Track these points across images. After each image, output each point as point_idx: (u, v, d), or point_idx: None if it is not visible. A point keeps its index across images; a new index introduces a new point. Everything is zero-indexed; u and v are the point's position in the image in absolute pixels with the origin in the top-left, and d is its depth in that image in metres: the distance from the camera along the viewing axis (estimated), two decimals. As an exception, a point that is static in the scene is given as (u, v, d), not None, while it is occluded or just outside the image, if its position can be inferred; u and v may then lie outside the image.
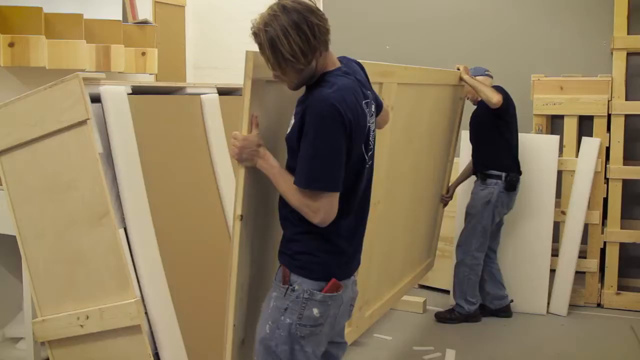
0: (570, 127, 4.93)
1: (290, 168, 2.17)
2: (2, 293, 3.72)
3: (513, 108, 4.50)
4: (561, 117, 5.01)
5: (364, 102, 2.21)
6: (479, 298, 4.63)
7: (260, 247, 2.42)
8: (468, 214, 4.61)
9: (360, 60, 2.45)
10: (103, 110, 2.75)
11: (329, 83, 2.12)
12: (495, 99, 4.31)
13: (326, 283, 2.22)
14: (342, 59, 2.31)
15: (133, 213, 2.80)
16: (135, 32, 4.18)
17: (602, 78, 4.91)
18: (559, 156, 4.82)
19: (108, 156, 2.76)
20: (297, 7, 2.06)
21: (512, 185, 4.45)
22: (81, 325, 2.77)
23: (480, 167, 4.58)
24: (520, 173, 4.54)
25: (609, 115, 4.86)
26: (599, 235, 4.89)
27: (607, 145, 4.87)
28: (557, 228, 4.88)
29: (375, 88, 2.79)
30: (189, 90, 3.38)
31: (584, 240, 4.88)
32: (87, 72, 3.69)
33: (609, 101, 4.84)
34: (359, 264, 2.42)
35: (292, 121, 2.16)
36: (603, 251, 4.91)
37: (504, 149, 4.48)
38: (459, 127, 4.82)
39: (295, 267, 2.21)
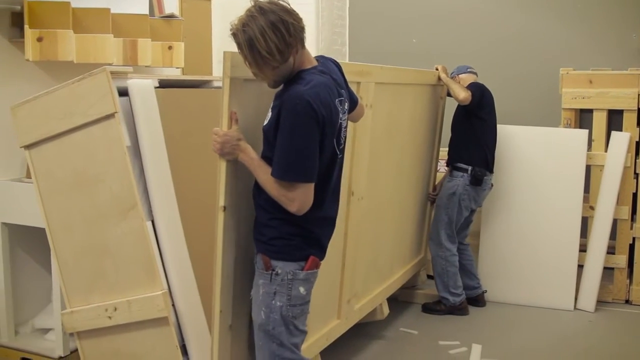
0: (600, 121, 4.87)
1: (266, 157, 2.30)
2: (31, 285, 3.76)
3: (490, 106, 4.53)
4: (590, 111, 4.94)
5: (337, 99, 2.34)
6: (462, 289, 4.64)
7: (245, 236, 2.49)
8: (437, 206, 4.68)
9: (339, 61, 2.57)
10: (130, 103, 2.77)
11: (305, 80, 2.24)
12: (461, 95, 4.35)
13: (305, 262, 2.36)
14: (319, 58, 2.44)
15: (160, 206, 2.82)
16: (162, 26, 4.20)
17: (632, 71, 4.83)
18: (587, 150, 4.76)
19: (135, 149, 2.78)
20: (273, 8, 2.21)
21: (477, 180, 4.46)
22: (109, 317, 2.79)
23: (450, 160, 4.64)
24: (490, 171, 4.55)
25: (639, 110, 4.79)
26: (628, 230, 4.83)
27: (637, 140, 4.80)
28: (585, 223, 4.82)
29: (353, 87, 2.93)
30: (215, 84, 3.39)
31: (613, 235, 4.81)
32: (114, 66, 3.71)
33: (639, 95, 4.76)
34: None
35: (270, 114, 2.28)
36: (632, 247, 4.84)
37: (474, 144, 4.50)
38: (441, 125, 4.86)
39: (274, 252, 2.34)
